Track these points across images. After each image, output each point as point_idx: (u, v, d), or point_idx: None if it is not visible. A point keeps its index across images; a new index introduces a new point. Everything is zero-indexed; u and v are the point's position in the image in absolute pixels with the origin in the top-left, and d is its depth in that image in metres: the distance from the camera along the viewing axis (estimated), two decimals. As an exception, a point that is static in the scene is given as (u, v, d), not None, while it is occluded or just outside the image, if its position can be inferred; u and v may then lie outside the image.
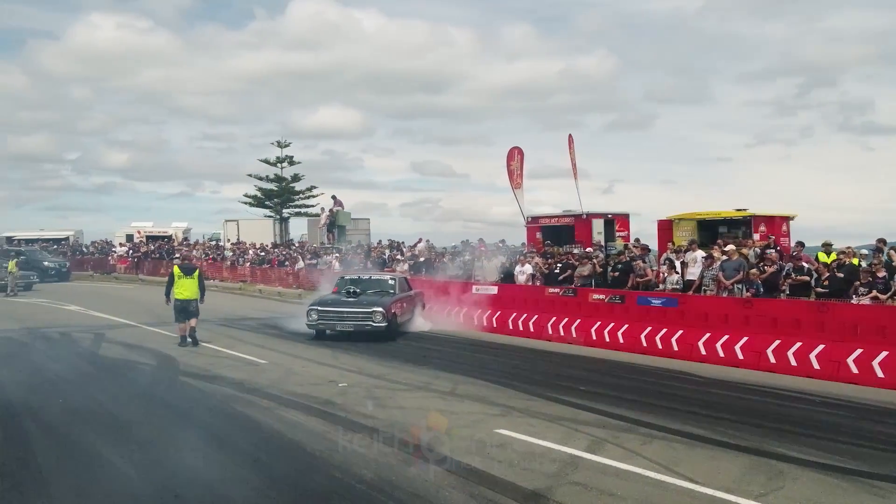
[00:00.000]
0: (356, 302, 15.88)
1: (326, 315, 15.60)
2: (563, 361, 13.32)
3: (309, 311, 15.68)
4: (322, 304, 15.97)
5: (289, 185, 44.91)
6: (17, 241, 50.70)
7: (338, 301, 16.09)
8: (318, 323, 15.57)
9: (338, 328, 15.49)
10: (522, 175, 31.97)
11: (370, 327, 15.26)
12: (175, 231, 52.76)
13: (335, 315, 15.59)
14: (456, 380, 10.77)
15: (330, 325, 15.57)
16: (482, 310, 18.65)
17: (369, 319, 15.32)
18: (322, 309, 15.66)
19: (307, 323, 15.59)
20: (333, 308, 15.74)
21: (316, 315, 15.56)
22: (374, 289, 16.99)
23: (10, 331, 17.40)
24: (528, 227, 31.76)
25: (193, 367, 11.68)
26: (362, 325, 15.33)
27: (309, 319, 15.58)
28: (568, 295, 16.95)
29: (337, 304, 15.90)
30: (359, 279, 17.93)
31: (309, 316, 15.60)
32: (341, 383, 10.32)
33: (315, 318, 15.56)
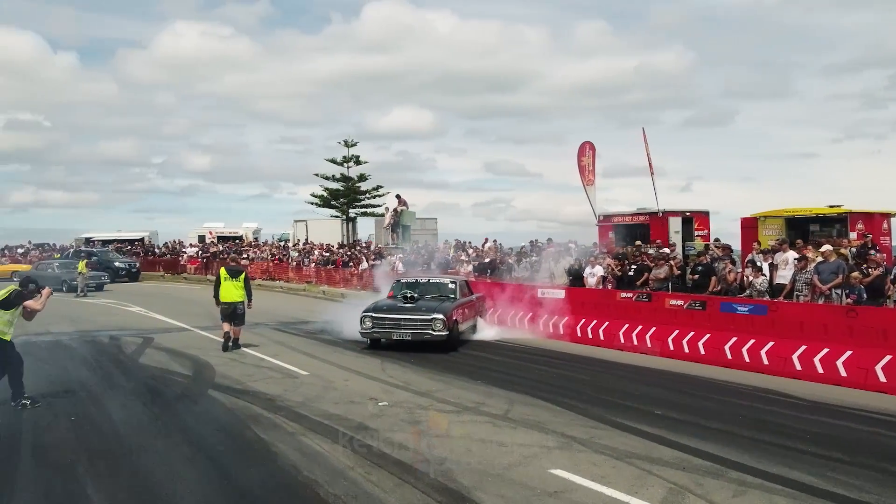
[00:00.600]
0: (414, 308, 14.42)
1: (381, 322, 14.19)
2: (635, 375, 11.86)
3: (363, 318, 14.28)
4: (377, 310, 14.49)
5: (355, 184, 44.33)
6: (94, 241, 51.96)
7: (394, 307, 14.60)
8: (373, 331, 14.22)
9: (394, 337, 14.10)
10: (594, 171, 30.40)
11: (429, 336, 13.84)
12: (245, 231, 53.13)
13: (391, 322, 14.17)
14: (512, 399, 9.48)
15: (385, 333, 14.20)
16: (548, 315, 17.29)
17: (428, 328, 13.88)
18: (377, 316, 14.25)
19: (361, 331, 14.28)
20: (389, 315, 14.28)
21: (370, 322, 14.19)
22: (432, 293, 15.59)
23: (63, 334, 17.05)
24: (600, 226, 30.14)
25: (228, 380, 10.78)
26: (421, 333, 13.89)
27: (363, 327, 14.25)
28: (642, 300, 15.42)
29: (393, 311, 14.42)
30: (416, 282, 16.46)
31: (363, 323, 14.25)
32: (381, 402, 9.18)
33: (369, 326, 14.21)
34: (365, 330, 14.25)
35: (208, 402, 9.25)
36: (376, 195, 44.09)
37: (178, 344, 14.83)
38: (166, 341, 15.33)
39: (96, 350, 14.18)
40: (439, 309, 14.27)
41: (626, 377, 11.68)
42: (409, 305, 14.60)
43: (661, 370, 12.42)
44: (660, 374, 12.11)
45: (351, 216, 44.75)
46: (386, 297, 15.87)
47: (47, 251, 47.69)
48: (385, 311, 14.48)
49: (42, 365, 11.97)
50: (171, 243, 49.43)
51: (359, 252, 34.25)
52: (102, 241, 51.99)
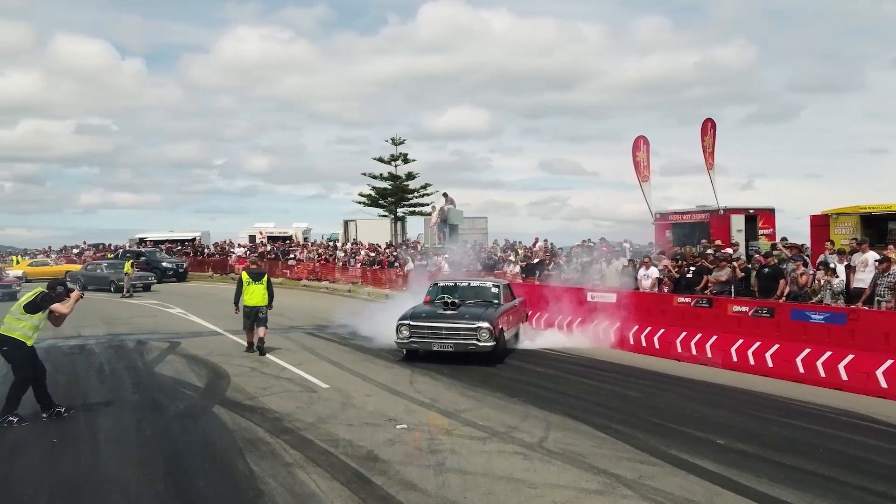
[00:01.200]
0: (456, 315, 12.82)
1: (420, 332, 12.71)
2: (693, 392, 10.53)
3: (399, 327, 12.84)
4: (414, 317, 12.94)
5: (402, 183, 43.45)
6: (147, 242, 52.43)
7: (433, 314, 13.00)
8: (410, 341, 12.80)
9: (434, 348, 12.58)
10: (650, 167, 28.83)
11: (474, 347, 12.36)
12: (295, 231, 52.92)
13: (430, 332, 12.66)
14: (550, 422, 8.30)
15: (424, 344, 12.71)
16: (598, 321, 15.98)
17: (473, 338, 12.39)
18: (415, 324, 12.75)
19: (397, 341, 12.91)
20: (428, 323, 12.73)
21: (407, 332, 12.75)
22: (473, 298, 14.04)
23: (92, 337, 16.54)
24: (657, 224, 28.61)
25: (240, 393, 9.87)
26: (464, 344, 12.41)
27: (399, 336, 12.83)
28: (702, 305, 14.00)
29: (432, 318, 12.84)
30: (455, 286, 14.81)
31: (399, 333, 12.82)
32: (400, 424, 8.09)
33: (406, 336, 12.78)
34: (401, 340, 12.84)
35: (209, 421, 8.32)
36: (424, 194, 43.13)
37: (204, 350, 14.07)
38: (193, 346, 14.60)
39: (117, 356, 13.50)
40: (484, 316, 12.68)
41: (683, 394, 10.36)
42: (449, 312, 12.96)
43: (724, 385, 11.05)
44: (722, 390, 10.74)
45: (399, 215, 43.87)
46: (422, 302, 14.33)
47: (101, 251, 48.19)
48: (424, 318, 12.89)
49: (55, 374, 11.25)
50: (221, 243, 49.43)
51: (405, 252, 33.33)
52: (155, 241, 52.43)
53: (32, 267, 42.42)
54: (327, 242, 45.24)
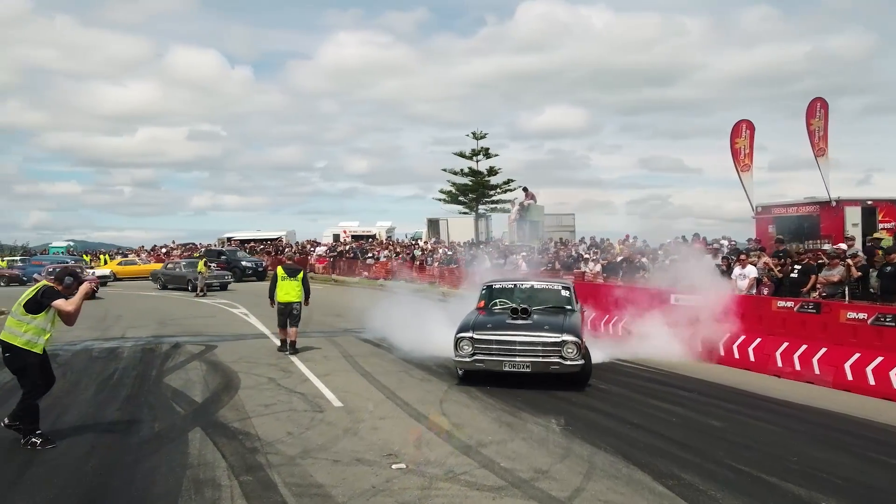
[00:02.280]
0: (531, 325, 10.17)
1: (486, 347, 9.95)
2: (795, 422, 8.30)
3: (458, 342, 10.08)
4: (478, 328, 10.18)
5: (484, 178, 41.63)
6: (233, 241, 52.88)
7: (500, 323, 10.30)
8: (475, 359, 9.95)
9: (504, 368, 9.81)
10: (752, 156, 25.95)
11: (557, 367, 9.72)
12: (379, 230, 52.20)
13: (501, 347, 9.90)
14: (594, 464, 6.36)
15: (492, 362, 9.89)
16: (682, 328, 13.74)
17: (556, 354, 9.71)
18: (480, 337, 9.99)
19: (457, 359, 10.09)
20: (497, 335, 9.99)
21: (469, 347, 9.97)
22: (538, 303, 11.35)
23: (131, 339, 15.67)
24: (758, 218, 25.83)
25: (235, 412, 8.39)
26: (545, 363, 9.74)
27: (459, 353, 10.04)
28: (807, 310, 11.58)
29: (501, 328, 10.12)
30: (514, 288, 12.28)
31: (459, 349, 10.05)
32: (398, 464, 6.32)
33: (468, 353, 9.97)
34: (462, 358, 10.02)
35: (172, 451, 6.81)
36: (507, 189, 41.14)
37: (234, 355, 12.82)
38: (225, 351, 13.42)
39: (139, 362, 12.38)
40: (567, 327, 10.08)
41: (782, 424, 8.14)
42: (521, 321, 10.28)
43: (836, 413, 8.76)
44: (834, 419, 8.47)
45: (481, 212, 42.11)
46: (475, 309, 11.60)
47: (189, 250, 48.74)
48: (490, 330, 10.12)
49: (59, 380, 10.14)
50: (304, 242, 49.14)
51: (482, 251, 31.56)
52: (241, 240, 52.84)
53: (121, 266, 43.20)
54: (410, 241, 44.11)
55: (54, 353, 13.60)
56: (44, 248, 53.01)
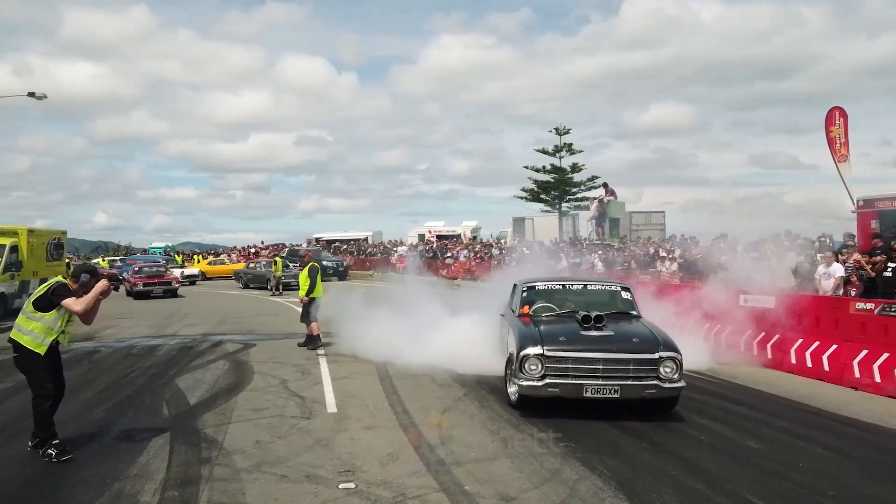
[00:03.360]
0: (612, 338, 7.90)
1: (562, 367, 7.63)
2: (853, 444, 6.92)
3: (524, 360, 7.70)
4: (550, 340, 7.83)
5: (567, 175, 40.19)
6: (322, 241, 53.57)
7: (574, 335, 7.98)
8: (546, 383, 7.60)
9: (586, 394, 7.51)
10: (848, 145, 23.70)
11: (654, 392, 7.55)
12: (463, 230, 51.55)
13: (580, 367, 7.58)
14: (575, 491, 5.32)
15: (570, 387, 7.57)
16: (751, 331, 12.34)
17: (652, 374, 7.57)
18: (554, 354, 7.67)
19: (521, 383, 7.74)
20: (575, 352, 7.67)
21: (539, 366, 7.65)
22: (594, 308, 8.81)
23: (180, 336, 15.59)
24: (859, 213, 23.44)
25: (219, 416, 7.85)
26: (638, 386, 7.54)
27: (524, 375, 7.69)
28: (889, 314, 10.00)
29: (578, 342, 7.82)
30: (562, 289, 9.86)
31: (525, 370, 7.68)
32: (348, 483, 5.50)
33: (537, 374, 7.65)
34: (529, 381, 7.64)
35: (123, 458, 6.25)
36: (592, 187, 39.53)
37: (266, 355, 12.47)
38: (261, 350, 13.15)
39: (165, 360, 12.16)
40: (662, 339, 7.89)
41: (833, 447, 6.80)
42: (597, 333, 7.97)
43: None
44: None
45: (564, 210, 40.71)
46: (517, 317, 9.18)
47: (277, 250, 49.61)
48: (566, 343, 7.79)
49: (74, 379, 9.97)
50: (389, 242, 49.11)
51: (560, 249, 30.32)
52: (328, 240, 53.44)
53: (210, 266, 44.42)
54: (494, 241, 43.24)
55: (96, 349, 13.68)
56: (144, 249, 55.28)
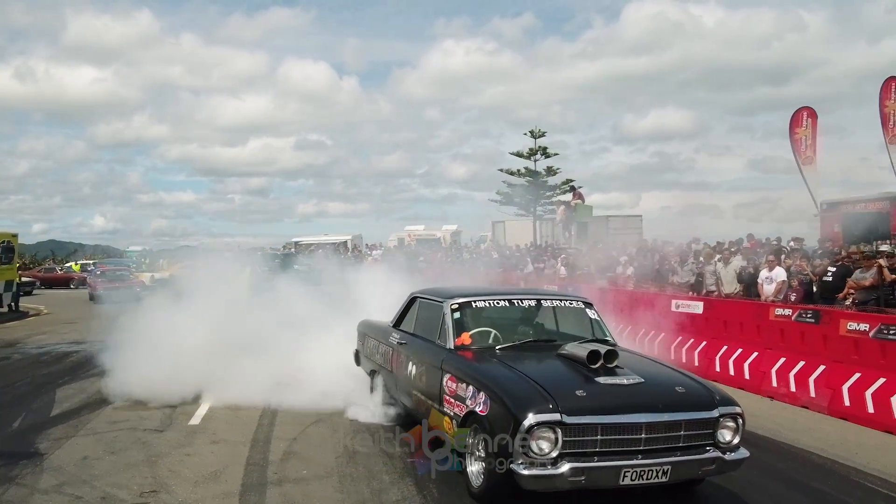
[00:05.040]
0: (643, 388, 5.21)
1: (587, 440, 4.87)
2: (773, 456, 6.36)
3: (531, 431, 4.77)
4: (563, 395, 4.98)
5: (541, 179, 39.73)
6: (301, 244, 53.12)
7: (592, 386, 5.17)
8: (569, 471, 4.74)
9: (625, 479, 4.82)
10: (815, 147, 23.34)
11: (713, 466, 5.09)
12: (444, 234, 51.13)
13: (616, 439, 4.89)
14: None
15: (602, 472, 4.83)
16: (681, 337, 11.89)
17: (708, 441, 5.12)
18: (577, 421, 4.84)
19: (523, 476, 4.77)
20: (604, 413, 4.93)
21: (554, 442, 4.81)
22: (549, 335, 6.68)
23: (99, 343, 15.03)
24: (823, 216, 23.10)
25: (72, 429, 7.38)
26: (694, 460, 5.02)
27: (532, 455, 4.80)
28: (806, 320, 9.54)
29: (600, 397, 5.07)
30: (511, 307, 6.83)
31: (532, 448, 4.78)
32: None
33: (550, 455, 4.81)
34: (540, 468, 4.80)
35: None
36: (566, 191, 39.07)
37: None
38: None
39: (70, 367, 11.69)
40: (715, 390, 5.47)
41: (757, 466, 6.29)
42: (623, 381, 5.25)
43: (802, 451, 6.84)
44: (798, 461, 6.58)
45: (539, 214, 40.26)
46: (450, 352, 6.20)
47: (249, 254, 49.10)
48: (586, 401, 4.99)
49: None
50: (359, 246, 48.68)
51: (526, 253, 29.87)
52: (307, 244, 52.99)
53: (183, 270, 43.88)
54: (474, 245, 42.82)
55: (7, 356, 13.16)
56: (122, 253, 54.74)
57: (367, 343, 8.34)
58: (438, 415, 5.91)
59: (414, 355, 6.74)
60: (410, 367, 6.71)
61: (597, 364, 5.35)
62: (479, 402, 5.23)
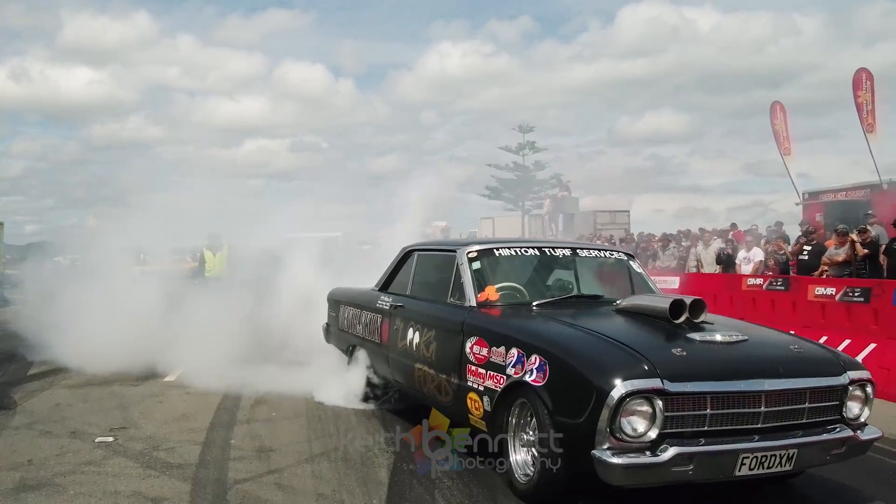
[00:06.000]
0: (749, 347, 4.00)
1: (693, 416, 3.63)
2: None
3: (621, 405, 3.49)
4: (659, 356, 3.74)
5: (530, 173, 39.94)
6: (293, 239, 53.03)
7: (689, 344, 3.90)
8: (673, 458, 3.49)
9: (741, 469, 3.63)
10: (790, 138, 23.69)
11: (841, 449, 3.98)
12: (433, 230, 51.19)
13: (731, 414, 3.69)
14: None
15: (715, 460, 3.62)
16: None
17: (836, 415, 4.02)
18: (684, 389, 3.59)
19: (613, 466, 3.48)
20: (715, 379, 3.68)
21: (652, 418, 3.54)
22: (588, 289, 5.31)
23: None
24: (805, 205, 23.41)
25: (39, 385, 7.42)
26: (823, 441, 3.90)
27: (620, 442, 3.53)
28: (776, 287, 9.74)
29: (705, 357, 3.86)
30: (544, 256, 5.43)
31: (620, 428, 3.51)
32: (107, 437, 5.17)
33: (647, 436, 3.54)
34: (637, 455, 3.53)
35: None
36: (555, 185, 39.30)
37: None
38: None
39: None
40: (836, 352, 4.45)
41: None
42: (725, 338, 3.96)
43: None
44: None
45: (527, 209, 40.45)
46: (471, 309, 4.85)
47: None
48: (690, 364, 3.74)
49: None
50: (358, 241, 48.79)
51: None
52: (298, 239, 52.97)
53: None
54: (461, 241, 42.95)
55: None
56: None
57: (343, 314, 6.83)
58: (456, 392, 4.63)
59: (416, 320, 5.35)
60: (411, 335, 5.31)
61: (680, 318, 4.11)
62: (531, 369, 3.93)
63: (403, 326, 5.46)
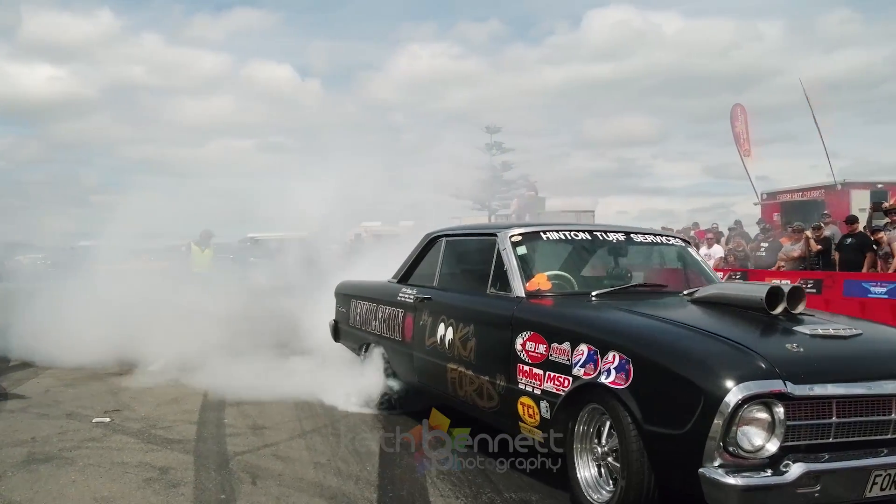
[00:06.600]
0: (865, 341, 3.41)
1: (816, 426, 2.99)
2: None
3: (737, 412, 2.84)
4: (777, 355, 3.06)
5: (497, 173, 40.40)
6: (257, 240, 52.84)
7: (803, 340, 3.25)
8: (800, 477, 2.84)
9: (872, 489, 2.96)
10: (750, 140, 24.62)
11: None
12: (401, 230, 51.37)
13: (860, 422, 3.06)
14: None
15: (845, 477, 2.96)
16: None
17: None
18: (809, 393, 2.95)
19: (727, 487, 2.81)
20: (841, 382, 3.04)
21: (773, 428, 2.90)
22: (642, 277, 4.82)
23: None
24: (763, 205, 24.25)
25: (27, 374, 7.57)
26: None
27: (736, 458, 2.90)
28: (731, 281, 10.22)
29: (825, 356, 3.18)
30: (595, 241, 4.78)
31: (736, 441, 2.89)
32: (104, 418, 5.40)
33: (769, 445, 2.91)
34: (754, 474, 2.88)
35: None
36: (523, 185, 39.82)
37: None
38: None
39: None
40: None
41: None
42: (839, 331, 3.35)
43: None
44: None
45: (493, 209, 40.87)
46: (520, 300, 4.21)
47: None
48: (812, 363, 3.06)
49: None
50: (323, 242, 48.79)
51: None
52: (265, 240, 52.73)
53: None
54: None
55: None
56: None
57: (356, 308, 6.29)
58: (504, 396, 4.04)
59: (448, 314, 4.74)
60: (442, 331, 4.72)
61: (777, 308, 3.49)
62: (608, 369, 3.33)
63: (432, 321, 4.85)
